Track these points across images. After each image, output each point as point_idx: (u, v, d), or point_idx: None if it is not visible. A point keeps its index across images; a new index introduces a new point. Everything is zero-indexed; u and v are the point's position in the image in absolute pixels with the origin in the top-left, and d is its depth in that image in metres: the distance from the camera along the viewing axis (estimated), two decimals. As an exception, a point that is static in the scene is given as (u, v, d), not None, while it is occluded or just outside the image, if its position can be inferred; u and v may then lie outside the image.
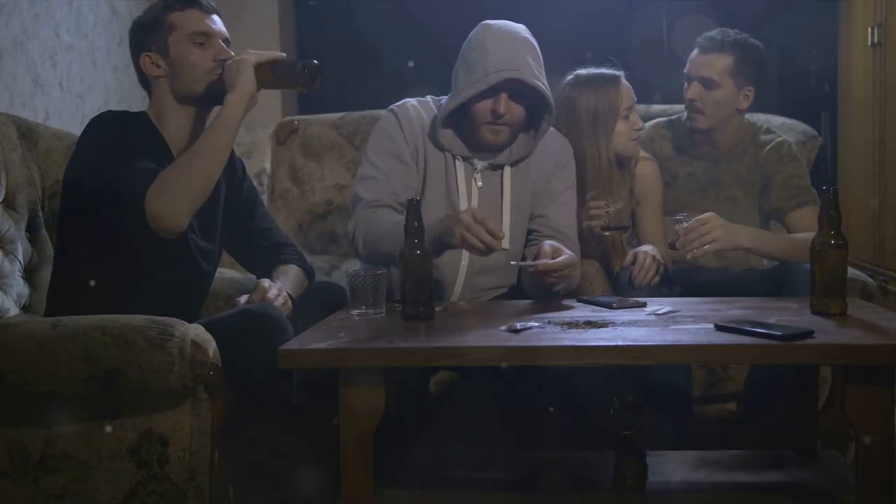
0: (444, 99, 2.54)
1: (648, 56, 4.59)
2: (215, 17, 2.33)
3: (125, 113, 2.34)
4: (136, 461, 1.98)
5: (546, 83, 2.46)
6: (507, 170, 2.55)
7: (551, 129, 2.62)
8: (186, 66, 2.27)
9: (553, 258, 2.29)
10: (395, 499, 2.14)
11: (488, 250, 2.23)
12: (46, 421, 2.00)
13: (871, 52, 3.69)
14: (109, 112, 2.33)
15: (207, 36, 2.29)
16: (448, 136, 2.51)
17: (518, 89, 2.42)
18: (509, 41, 2.44)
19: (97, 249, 2.21)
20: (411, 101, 2.58)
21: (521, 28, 2.50)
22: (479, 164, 2.54)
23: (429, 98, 2.60)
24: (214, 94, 2.27)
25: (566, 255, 2.32)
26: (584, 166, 2.74)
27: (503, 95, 2.42)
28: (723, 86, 2.81)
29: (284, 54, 2.30)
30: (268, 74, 2.24)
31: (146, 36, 2.30)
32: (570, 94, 2.78)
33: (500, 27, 2.48)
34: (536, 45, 2.49)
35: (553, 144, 2.62)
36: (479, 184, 2.53)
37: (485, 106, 2.44)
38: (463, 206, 2.50)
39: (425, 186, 2.51)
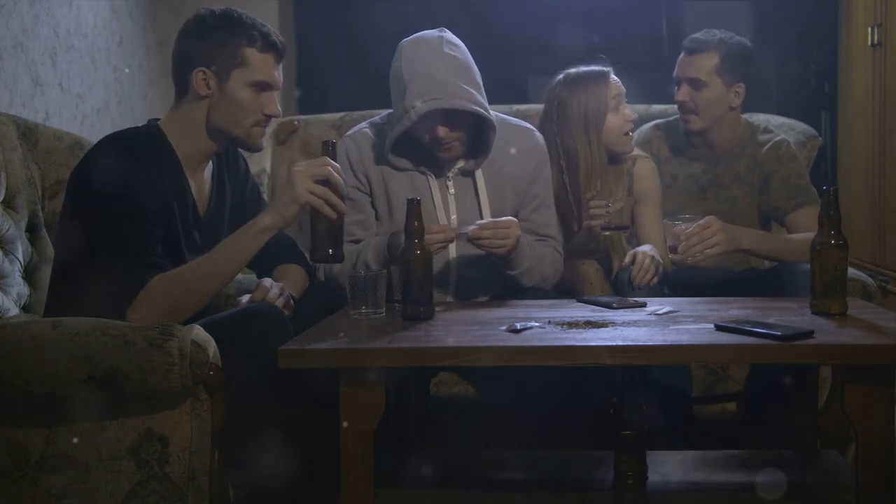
0: None
1: (648, 56, 4.59)
2: (281, 66, 2.27)
3: (134, 137, 2.25)
4: (136, 461, 1.98)
5: (473, 94, 2.39)
6: (479, 172, 2.55)
7: (523, 125, 2.63)
8: (237, 107, 2.21)
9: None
10: (395, 499, 2.14)
11: (446, 239, 2.33)
12: (46, 421, 2.00)
13: (871, 52, 3.69)
14: (115, 139, 2.24)
15: (269, 86, 2.23)
16: (402, 161, 2.49)
17: (447, 109, 2.37)
18: (424, 65, 2.38)
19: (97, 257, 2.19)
20: (363, 128, 2.57)
21: (435, 40, 2.43)
22: (450, 173, 2.53)
23: (385, 116, 2.58)
24: (242, 142, 2.26)
25: (498, 222, 2.36)
26: (577, 165, 2.74)
27: (437, 124, 2.38)
28: (710, 85, 2.82)
29: (341, 207, 2.14)
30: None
31: (211, 52, 2.20)
32: (561, 94, 2.79)
33: (413, 50, 2.41)
34: (456, 53, 2.42)
35: (528, 141, 2.61)
36: (452, 191, 2.53)
37: (423, 134, 2.42)
38: (441, 216, 2.50)
39: (392, 208, 2.51)
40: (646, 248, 2.63)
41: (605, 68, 2.79)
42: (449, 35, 2.46)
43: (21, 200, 2.47)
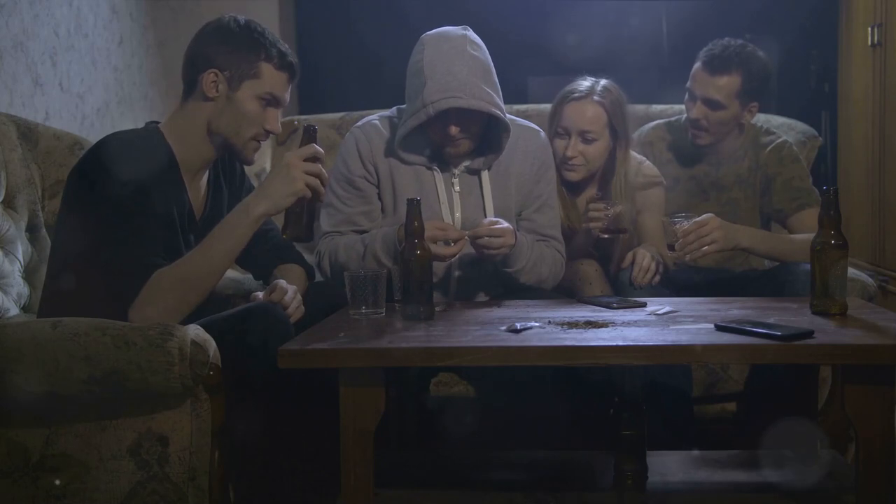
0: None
1: (648, 56, 4.59)
2: (290, 88, 2.27)
3: (133, 138, 2.24)
4: (136, 461, 1.98)
5: (491, 95, 2.39)
6: (485, 171, 2.55)
7: (528, 125, 2.63)
8: (241, 116, 2.21)
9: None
10: (395, 499, 2.14)
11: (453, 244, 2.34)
12: (46, 421, 2.00)
13: (871, 52, 3.69)
14: (115, 139, 2.22)
15: (277, 101, 2.24)
16: (411, 155, 2.50)
17: (464, 108, 2.37)
18: (446, 62, 2.38)
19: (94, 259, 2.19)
20: (373, 119, 2.57)
21: (459, 38, 2.42)
22: (456, 170, 2.53)
23: (394, 110, 2.58)
24: (237, 153, 2.26)
25: (502, 226, 2.38)
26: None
27: (451, 123, 2.39)
28: (728, 107, 2.76)
29: (323, 195, 2.20)
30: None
31: (227, 57, 2.19)
32: None
33: (437, 45, 2.41)
34: (478, 53, 2.42)
35: (533, 142, 2.61)
36: (457, 189, 2.53)
37: (435, 131, 2.43)
38: (445, 212, 2.51)
39: (397, 202, 2.51)
40: (646, 247, 2.63)
41: (579, 90, 2.70)
42: (472, 34, 2.46)
43: (21, 200, 2.47)
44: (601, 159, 2.72)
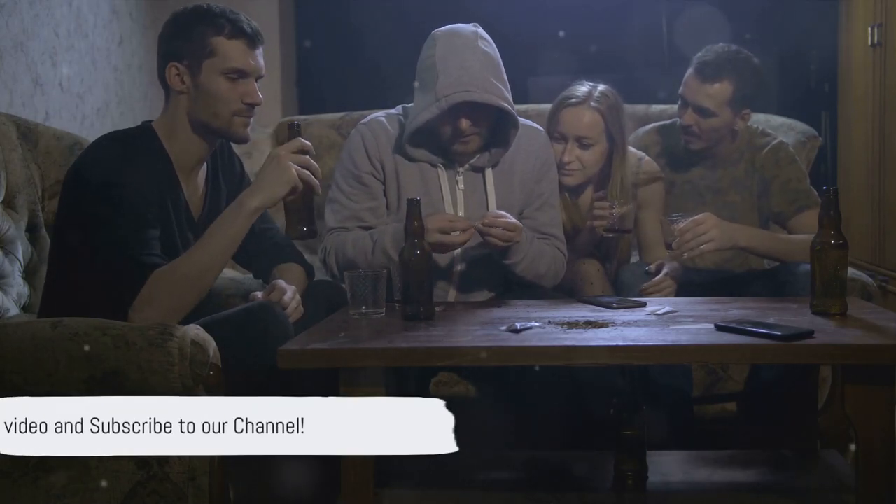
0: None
1: (648, 56, 4.59)
2: (258, 52, 2.23)
3: (128, 138, 2.24)
4: (136, 461, 1.98)
5: (501, 90, 2.40)
6: (489, 169, 2.55)
7: (531, 124, 2.62)
8: (213, 98, 2.19)
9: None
10: (395, 499, 2.14)
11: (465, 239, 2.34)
12: (46, 421, 2.00)
13: (871, 52, 3.69)
14: (111, 139, 2.24)
15: (244, 73, 2.20)
16: (418, 151, 2.50)
17: (476, 103, 2.38)
18: (458, 57, 2.38)
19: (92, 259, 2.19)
20: (379, 116, 2.57)
21: (470, 34, 2.43)
22: (461, 168, 2.54)
23: (399, 108, 2.58)
24: (226, 134, 2.25)
25: (512, 220, 2.38)
26: None
27: (462, 117, 2.39)
28: (720, 114, 2.74)
29: (319, 188, 2.20)
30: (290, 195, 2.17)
31: (181, 47, 2.19)
32: None
33: (449, 41, 2.42)
34: (489, 49, 2.43)
35: (535, 140, 2.61)
36: (461, 187, 2.53)
37: (446, 126, 2.42)
38: (449, 211, 2.50)
39: (401, 199, 2.50)
40: (671, 266, 2.61)
41: (576, 96, 2.69)
42: (482, 31, 2.47)
43: (21, 200, 2.47)
44: (598, 164, 2.72)
